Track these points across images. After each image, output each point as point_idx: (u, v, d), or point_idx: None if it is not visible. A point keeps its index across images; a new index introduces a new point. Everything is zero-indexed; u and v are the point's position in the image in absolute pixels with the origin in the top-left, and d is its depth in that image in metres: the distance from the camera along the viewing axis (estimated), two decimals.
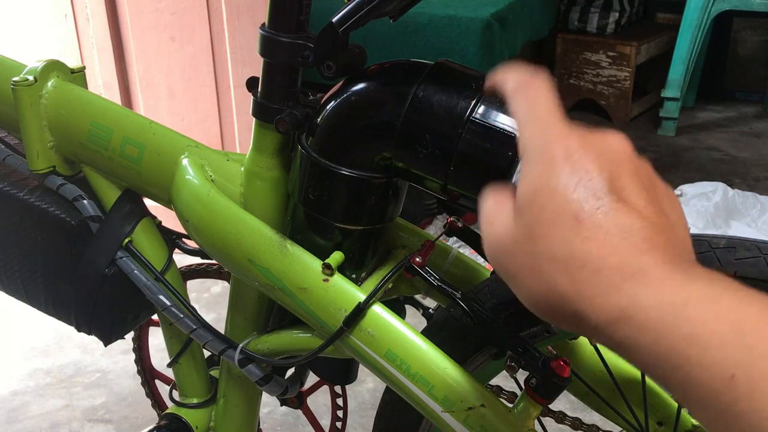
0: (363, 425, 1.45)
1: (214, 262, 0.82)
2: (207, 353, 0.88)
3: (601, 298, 0.31)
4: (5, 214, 0.78)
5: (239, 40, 1.89)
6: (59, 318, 0.81)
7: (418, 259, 0.60)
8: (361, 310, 0.58)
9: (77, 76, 0.76)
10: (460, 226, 0.67)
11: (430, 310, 0.76)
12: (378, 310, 0.59)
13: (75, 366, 1.68)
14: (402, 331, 0.58)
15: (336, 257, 0.60)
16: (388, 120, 0.53)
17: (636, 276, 0.31)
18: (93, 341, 1.70)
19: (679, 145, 3.05)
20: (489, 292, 0.63)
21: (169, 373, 0.91)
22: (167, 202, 0.70)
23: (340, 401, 0.96)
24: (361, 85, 0.56)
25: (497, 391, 0.75)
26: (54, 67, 0.73)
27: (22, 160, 0.77)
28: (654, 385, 0.69)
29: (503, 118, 0.49)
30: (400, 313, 0.71)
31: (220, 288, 1.94)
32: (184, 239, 0.81)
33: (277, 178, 0.64)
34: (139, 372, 1.03)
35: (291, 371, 0.82)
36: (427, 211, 2.19)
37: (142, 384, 1.04)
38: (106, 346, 0.82)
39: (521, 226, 0.35)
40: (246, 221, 0.63)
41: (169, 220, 0.78)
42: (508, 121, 0.49)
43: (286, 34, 0.56)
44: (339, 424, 0.97)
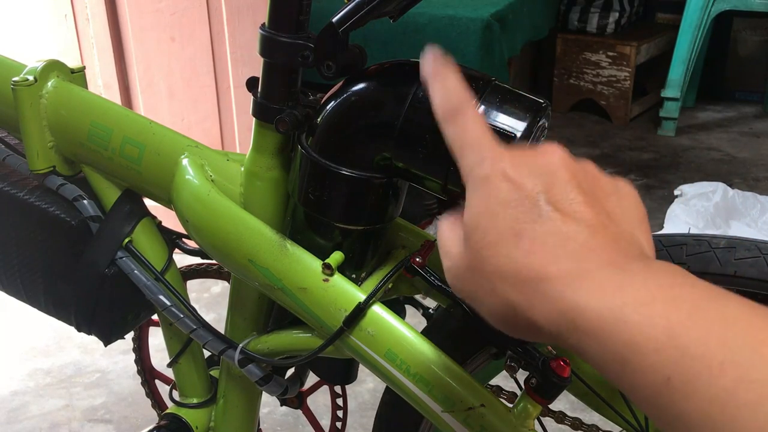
0: (363, 425, 1.45)
1: (214, 262, 0.82)
2: (207, 353, 0.88)
3: (548, 307, 0.33)
4: (5, 214, 0.78)
5: (239, 40, 1.89)
6: (59, 318, 0.81)
7: (418, 259, 0.60)
8: (361, 310, 0.58)
9: (77, 76, 0.76)
10: None
11: (430, 310, 0.76)
12: (378, 310, 0.59)
13: (75, 366, 1.68)
14: (402, 331, 0.58)
15: (336, 257, 0.60)
16: (388, 120, 0.53)
17: (576, 282, 0.32)
18: (93, 341, 1.70)
19: (679, 145, 3.05)
20: None
21: (169, 373, 0.91)
22: (167, 202, 0.70)
23: (340, 401, 0.96)
24: (361, 85, 0.56)
25: (497, 391, 0.75)
26: (54, 67, 0.73)
27: (22, 160, 0.77)
28: None
29: (503, 118, 0.49)
30: (400, 313, 0.71)
31: (220, 288, 1.94)
32: (184, 239, 0.81)
33: (277, 178, 0.64)
34: (139, 372, 1.03)
35: (291, 371, 0.82)
36: (427, 211, 2.19)
37: (142, 384, 1.04)
38: (106, 346, 0.82)
39: (470, 250, 0.36)
40: (246, 221, 0.63)
41: (169, 220, 0.78)
42: (508, 121, 0.49)
43: (286, 34, 0.56)
44: (339, 424, 0.97)
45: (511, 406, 0.58)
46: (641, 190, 2.59)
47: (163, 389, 1.02)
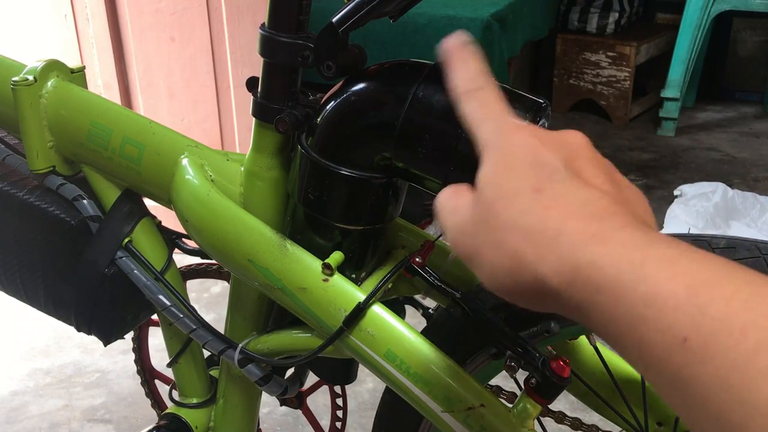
0: (363, 425, 1.45)
1: (214, 262, 0.82)
2: (207, 353, 0.88)
3: (561, 259, 0.31)
4: (5, 214, 0.78)
5: (239, 40, 1.89)
6: (59, 318, 0.81)
7: (418, 259, 0.60)
8: (360, 310, 0.58)
9: (77, 76, 0.76)
10: None
11: (430, 310, 0.76)
12: (378, 310, 0.59)
13: (75, 366, 1.68)
14: (402, 331, 0.58)
15: (336, 257, 0.60)
16: (387, 120, 0.53)
17: (595, 237, 0.31)
18: (93, 341, 1.69)
19: (678, 145, 3.05)
20: (489, 292, 0.63)
21: (168, 373, 0.91)
22: (167, 202, 0.70)
23: (339, 401, 0.96)
24: (361, 85, 0.56)
25: (497, 391, 0.75)
26: (54, 67, 0.73)
27: (22, 160, 0.77)
28: None
29: None
30: (400, 313, 0.71)
31: (220, 288, 1.94)
32: (184, 239, 0.81)
33: (277, 178, 0.64)
34: (138, 372, 1.03)
35: (291, 371, 0.82)
36: (427, 211, 2.19)
37: (142, 384, 1.04)
38: (105, 346, 0.82)
39: (482, 205, 0.35)
40: (246, 221, 0.63)
41: (169, 220, 0.78)
42: None
43: (286, 34, 0.56)
44: (339, 424, 0.97)
45: (511, 406, 0.58)
46: (641, 190, 2.59)
47: (162, 389, 1.02)
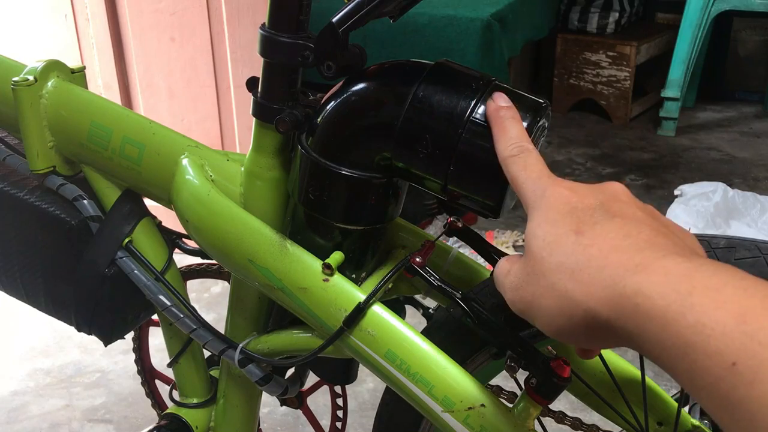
0: (363, 425, 1.45)
1: (214, 262, 0.82)
2: (207, 353, 0.88)
3: (607, 290, 0.33)
4: (5, 214, 0.78)
5: (239, 40, 1.89)
6: (59, 318, 0.81)
7: (418, 259, 0.60)
8: (361, 310, 0.58)
9: (77, 76, 0.76)
10: (460, 226, 0.67)
11: (430, 310, 0.76)
12: (378, 310, 0.59)
13: (75, 366, 1.68)
14: (402, 331, 0.58)
15: (336, 257, 0.60)
16: (388, 120, 0.53)
17: (639, 266, 0.32)
18: (93, 341, 1.70)
19: (679, 145, 3.05)
20: (489, 292, 0.63)
21: (169, 373, 0.91)
22: (167, 202, 0.70)
23: (340, 401, 0.96)
24: (361, 85, 0.56)
25: (497, 391, 0.75)
26: (54, 67, 0.73)
27: (22, 160, 0.77)
28: (654, 385, 0.69)
29: None
30: (400, 313, 0.71)
31: (220, 288, 1.94)
32: (184, 239, 0.81)
33: (277, 178, 0.64)
34: (139, 372, 1.03)
35: (291, 371, 0.82)
36: (427, 211, 2.19)
37: (142, 384, 1.04)
38: (106, 346, 0.82)
39: (530, 258, 0.38)
40: (246, 221, 0.63)
41: (169, 220, 0.78)
42: None
43: (286, 34, 0.56)
44: (339, 424, 0.97)
45: (511, 406, 0.58)
46: (641, 190, 2.59)
47: (163, 389, 1.02)
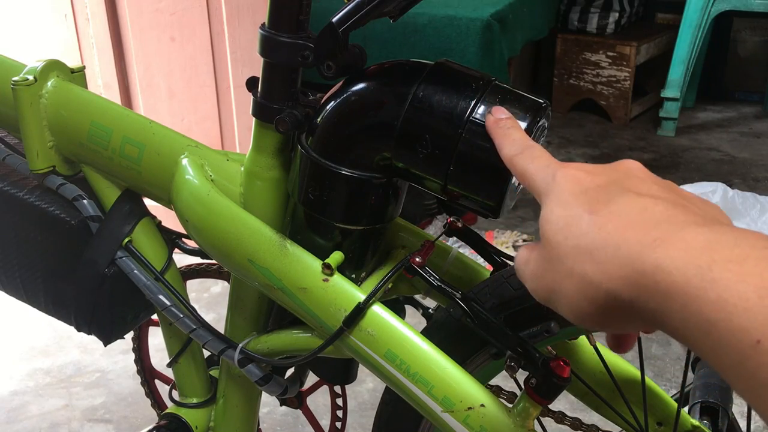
0: (363, 425, 1.45)
1: (214, 262, 0.82)
2: (207, 353, 0.88)
3: (627, 269, 0.31)
4: (5, 214, 0.78)
5: (239, 40, 1.89)
6: (59, 318, 0.81)
7: (417, 259, 0.60)
8: (360, 310, 0.58)
9: (77, 76, 0.76)
10: (460, 226, 0.67)
11: (430, 310, 0.76)
12: (378, 310, 0.59)
13: (75, 366, 1.68)
14: (402, 331, 0.58)
15: (336, 257, 0.60)
16: (387, 120, 0.53)
17: (657, 242, 0.31)
18: (93, 341, 1.69)
19: (679, 145, 3.05)
20: (489, 292, 0.63)
21: (168, 373, 0.91)
22: (167, 202, 0.70)
23: (339, 401, 0.96)
24: (360, 85, 0.56)
25: (497, 391, 0.75)
26: (54, 67, 0.73)
27: (22, 160, 0.77)
28: (654, 386, 0.69)
29: None
30: (400, 313, 0.71)
31: (220, 288, 1.94)
32: (184, 239, 0.81)
33: (277, 178, 0.64)
34: (138, 372, 1.03)
35: (291, 371, 0.82)
36: (427, 211, 2.19)
37: (142, 384, 1.04)
38: (105, 346, 0.82)
39: (546, 243, 0.37)
40: (246, 221, 0.63)
41: (169, 220, 0.78)
42: None
43: (286, 34, 0.56)
44: (339, 424, 0.97)
45: (511, 406, 0.58)
46: None
47: (163, 389, 1.02)
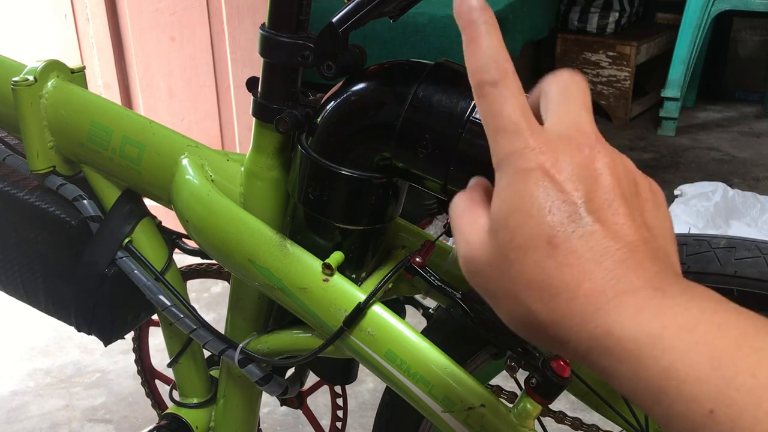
0: (363, 425, 1.45)
1: (214, 262, 0.82)
2: (207, 353, 0.88)
3: (578, 327, 0.30)
4: (5, 214, 0.78)
5: (239, 40, 1.89)
6: (59, 318, 0.81)
7: (418, 259, 0.60)
8: (361, 310, 0.58)
9: (77, 76, 0.76)
10: None
11: (430, 310, 0.76)
12: (378, 310, 0.59)
13: (75, 366, 1.68)
14: (402, 331, 0.58)
15: (336, 257, 0.60)
16: (387, 120, 0.53)
17: (611, 304, 0.30)
18: (93, 341, 1.69)
19: (679, 145, 3.05)
20: None
21: (169, 373, 0.91)
22: (167, 202, 0.70)
23: (340, 401, 0.96)
24: (360, 85, 0.56)
25: (497, 391, 0.75)
26: (54, 67, 0.73)
27: (22, 160, 0.77)
28: None
29: None
30: (400, 313, 0.71)
31: (220, 288, 1.94)
32: (184, 239, 0.81)
33: (277, 178, 0.64)
34: (139, 372, 1.03)
35: (291, 371, 0.82)
36: (427, 211, 2.19)
37: (142, 384, 1.04)
38: (106, 346, 0.82)
39: (496, 247, 0.33)
40: (246, 221, 0.63)
41: (169, 220, 0.78)
42: None
43: (286, 34, 0.56)
44: (339, 424, 0.97)
45: (511, 406, 0.58)
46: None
47: (163, 389, 1.02)
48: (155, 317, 0.88)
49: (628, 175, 0.34)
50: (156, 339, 0.94)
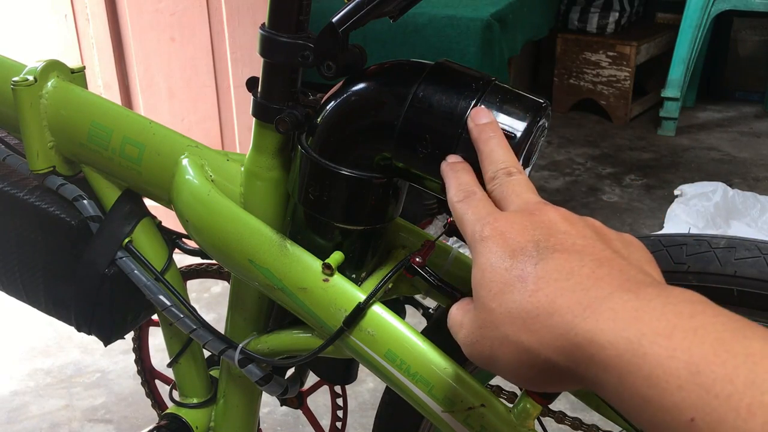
0: (363, 425, 1.45)
1: (214, 262, 0.82)
2: (207, 353, 0.88)
3: (562, 340, 0.32)
4: (5, 214, 0.78)
5: (239, 40, 1.89)
6: (59, 318, 0.81)
7: (418, 259, 0.60)
8: (361, 310, 0.58)
9: (77, 76, 0.76)
10: None
11: (430, 310, 0.76)
12: (378, 310, 0.59)
13: (75, 366, 1.68)
14: (402, 331, 0.58)
15: (336, 257, 0.60)
16: (387, 120, 0.53)
17: (587, 312, 0.31)
18: (93, 341, 1.70)
19: (679, 145, 3.05)
20: None
21: (169, 373, 0.91)
22: (167, 202, 0.70)
23: (340, 401, 0.96)
24: (361, 85, 0.56)
25: (497, 391, 0.75)
26: (54, 67, 0.73)
27: (22, 160, 0.77)
28: None
29: (503, 118, 0.49)
30: (400, 313, 0.71)
31: (220, 288, 1.94)
32: (184, 239, 0.81)
33: (277, 178, 0.64)
34: (139, 372, 1.03)
35: (291, 371, 0.82)
36: (427, 211, 2.19)
37: (142, 384, 1.04)
38: (106, 346, 0.82)
39: (479, 309, 0.37)
40: (246, 221, 0.63)
41: (169, 220, 0.78)
42: (508, 121, 0.49)
43: (286, 34, 0.56)
44: (339, 424, 0.97)
45: (511, 406, 0.58)
46: (641, 190, 2.59)
47: (163, 389, 1.02)
48: (155, 317, 0.88)
49: (587, 223, 0.38)
50: (156, 339, 0.95)
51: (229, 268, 0.67)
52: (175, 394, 0.88)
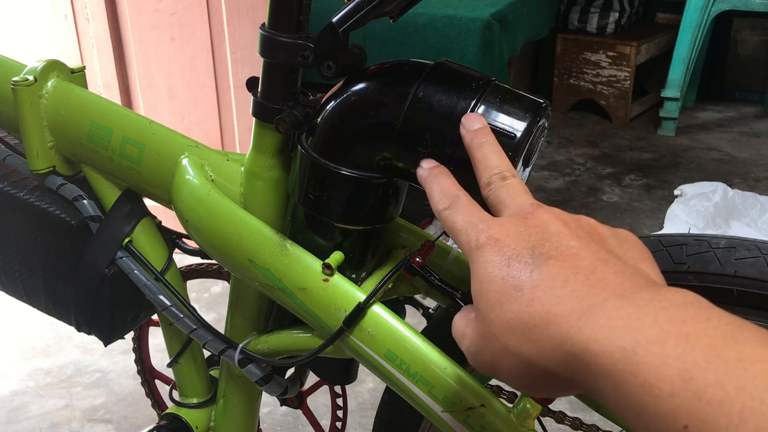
0: (363, 425, 1.45)
1: (214, 262, 0.82)
2: (207, 353, 0.88)
3: (559, 349, 0.32)
4: (5, 214, 0.78)
5: (239, 40, 1.89)
6: (59, 318, 0.81)
7: (418, 259, 0.60)
8: (361, 310, 0.58)
9: (77, 76, 0.76)
10: None
11: (430, 310, 0.76)
12: (378, 310, 0.59)
13: (75, 366, 1.68)
14: (402, 331, 0.58)
15: (336, 257, 0.60)
16: (387, 120, 0.53)
17: (581, 320, 0.31)
18: (93, 341, 1.70)
19: (679, 145, 3.05)
20: None
21: (169, 373, 0.91)
22: (167, 202, 0.70)
23: (340, 401, 0.96)
24: (361, 85, 0.56)
25: (497, 391, 0.75)
26: (54, 67, 0.73)
27: (22, 160, 0.77)
28: None
29: (503, 119, 0.49)
30: (400, 313, 0.71)
31: (220, 288, 1.94)
32: (184, 239, 0.81)
33: (277, 178, 0.64)
34: (139, 372, 1.03)
35: (291, 371, 0.82)
36: (427, 211, 2.19)
37: (142, 384, 1.04)
38: (106, 346, 0.82)
39: (480, 320, 0.37)
40: (246, 221, 0.63)
41: (169, 220, 0.78)
42: (508, 122, 0.49)
43: (286, 34, 0.56)
44: (339, 424, 0.97)
45: (511, 406, 0.58)
46: (641, 190, 2.59)
47: (163, 389, 1.02)
48: (155, 317, 0.88)
49: (581, 222, 0.39)
50: (156, 339, 0.95)
51: (229, 268, 0.67)
52: (175, 394, 0.88)
